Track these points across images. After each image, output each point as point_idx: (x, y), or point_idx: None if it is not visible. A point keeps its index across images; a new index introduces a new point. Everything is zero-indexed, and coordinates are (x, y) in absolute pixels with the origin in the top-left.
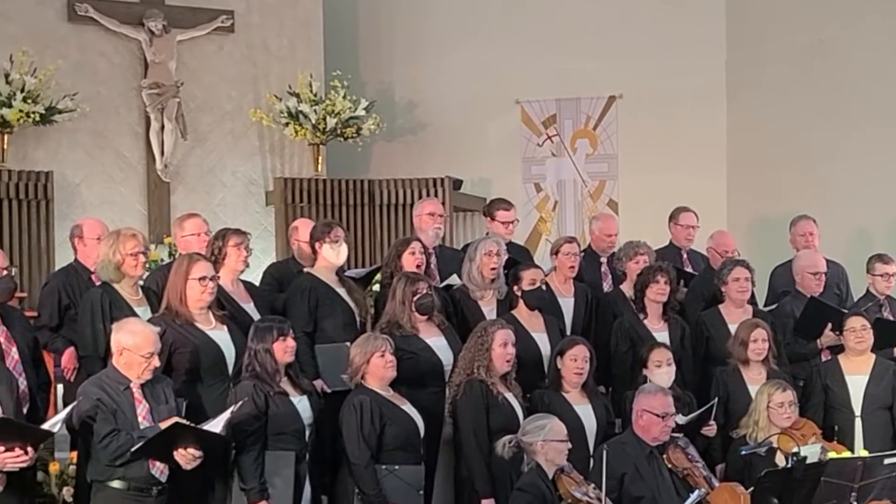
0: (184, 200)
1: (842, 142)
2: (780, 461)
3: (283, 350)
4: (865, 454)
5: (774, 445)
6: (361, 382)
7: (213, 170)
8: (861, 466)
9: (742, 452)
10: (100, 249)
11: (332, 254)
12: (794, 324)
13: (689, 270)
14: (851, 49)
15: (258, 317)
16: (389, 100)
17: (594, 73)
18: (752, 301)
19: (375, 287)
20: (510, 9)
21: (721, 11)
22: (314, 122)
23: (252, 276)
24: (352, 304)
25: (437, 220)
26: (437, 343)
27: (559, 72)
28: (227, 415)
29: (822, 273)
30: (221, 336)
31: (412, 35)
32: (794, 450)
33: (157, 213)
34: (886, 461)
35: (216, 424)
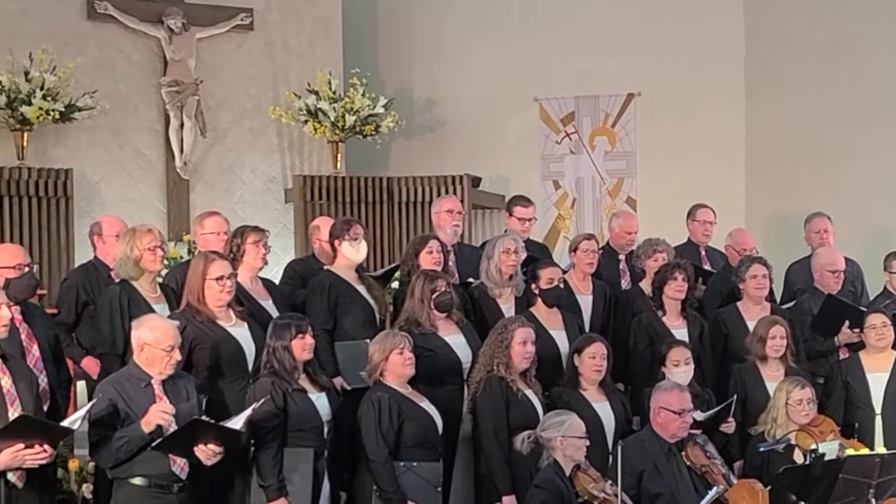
0: (203, 198)
1: (860, 139)
2: (799, 458)
3: (302, 347)
4: (884, 451)
5: (793, 442)
6: (380, 379)
7: (233, 167)
8: (879, 463)
9: (760, 449)
10: (118, 247)
11: (352, 251)
12: (812, 321)
13: (708, 268)
14: (870, 47)
15: (276, 314)
16: (408, 97)
17: (613, 71)
18: (771, 298)
19: (395, 284)
20: (529, 7)
21: (739, 9)
22: (333, 120)
23: (271, 274)
24: (371, 302)
25: (456, 218)
26: (456, 341)
27: (578, 69)
28: (249, 412)
29: (841, 271)
30: (242, 333)
31: (431, 32)
32: (813, 446)
33: (177, 211)
34: None
35: (237, 422)
